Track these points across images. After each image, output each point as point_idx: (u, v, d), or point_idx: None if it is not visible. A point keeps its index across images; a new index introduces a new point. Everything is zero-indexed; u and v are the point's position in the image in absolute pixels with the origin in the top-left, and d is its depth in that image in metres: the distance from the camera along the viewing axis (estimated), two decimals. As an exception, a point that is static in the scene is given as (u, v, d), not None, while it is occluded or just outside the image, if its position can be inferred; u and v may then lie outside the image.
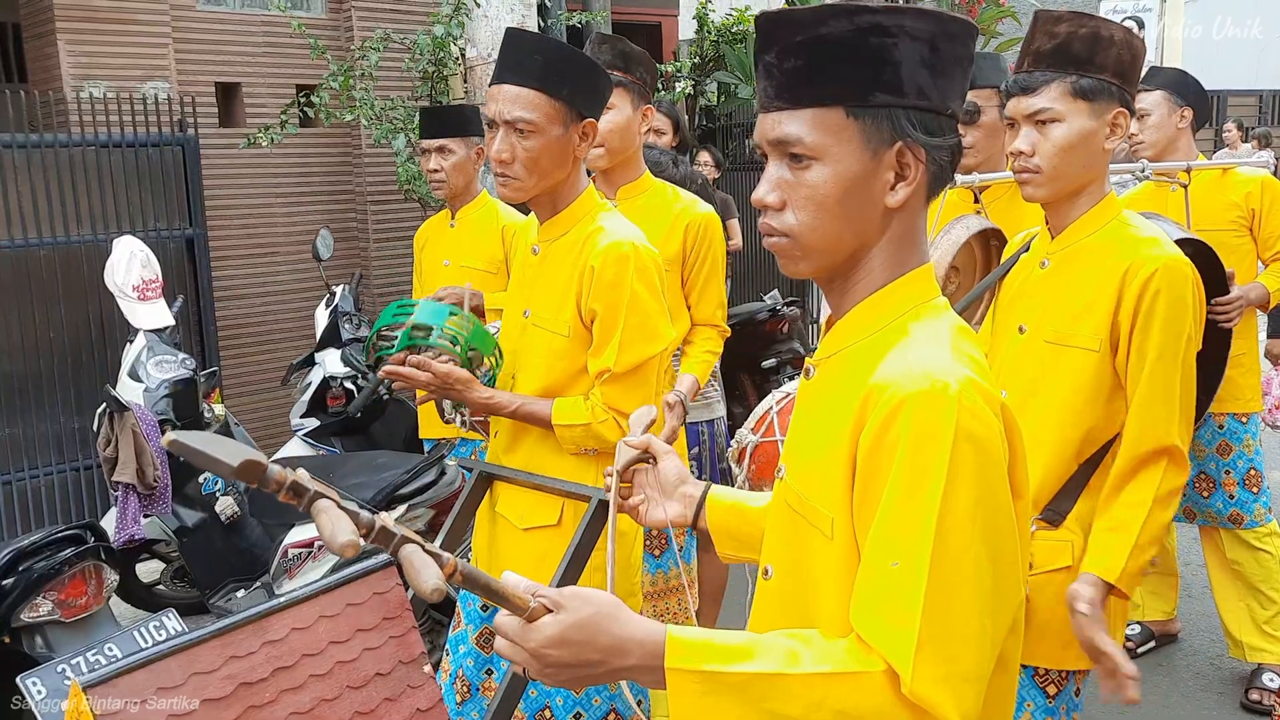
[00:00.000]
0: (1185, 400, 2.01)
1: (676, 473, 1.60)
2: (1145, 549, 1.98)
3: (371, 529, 1.07)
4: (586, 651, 1.11)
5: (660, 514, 1.60)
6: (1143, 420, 2.00)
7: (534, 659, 1.12)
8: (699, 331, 3.22)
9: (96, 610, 3.06)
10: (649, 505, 1.62)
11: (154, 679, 1.62)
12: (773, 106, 1.23)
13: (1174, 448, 2.00)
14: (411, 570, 1.06)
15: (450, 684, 2.46)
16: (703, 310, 3.19)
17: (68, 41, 5.42)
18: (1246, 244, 3.60)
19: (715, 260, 3.17)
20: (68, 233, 5.04)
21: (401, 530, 1.09)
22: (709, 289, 3.18)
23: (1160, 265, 1.98)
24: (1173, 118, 3.58)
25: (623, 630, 1.12)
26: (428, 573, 1.05)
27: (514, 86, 2.18)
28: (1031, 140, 2.07)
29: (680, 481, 1.60)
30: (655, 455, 1.61)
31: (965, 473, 1.10)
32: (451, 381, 2.26)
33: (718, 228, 3.18)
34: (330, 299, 4.90)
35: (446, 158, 3.78)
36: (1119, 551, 1.96)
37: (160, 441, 3.71)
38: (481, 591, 1.12)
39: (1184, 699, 3.70)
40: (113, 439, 3.66)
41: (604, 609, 1.13)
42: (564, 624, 1.11)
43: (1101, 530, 2.01)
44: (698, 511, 1.59)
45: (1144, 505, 1.98)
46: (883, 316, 1.25)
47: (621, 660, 1.12)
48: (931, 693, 1.07)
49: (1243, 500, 3.60)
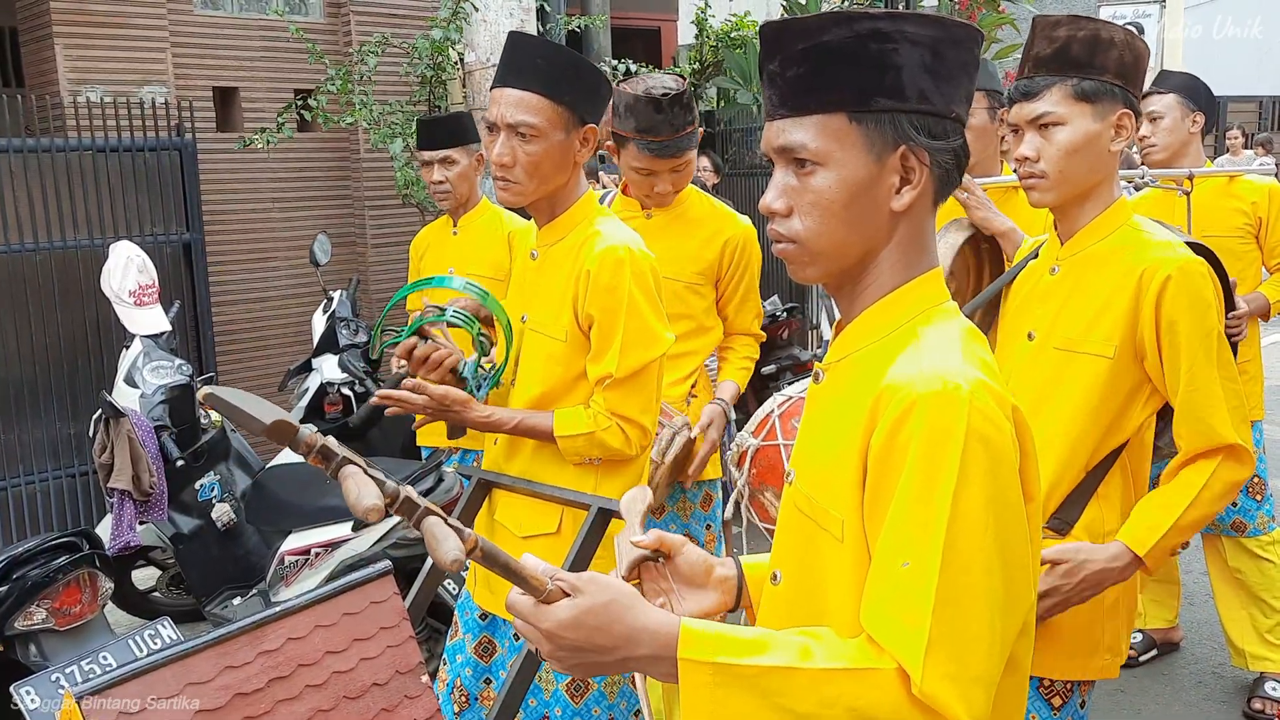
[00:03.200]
0: (1231, 396, 1.98)
1: (701, 560, 1.42)
2: (1182, 531, 1.96)
3: (396, 499, 1.09)
4: (600, 637, 1.13)
5: (684, 610, 1.40)
6: (1192, 424, 1.98)
7: (547, 640, 1.14)
8: (736, 339, 3.22)
9: (91, 618, 3.03)
10: (673, 603, 1.41)
11: (148, 689, 1.61)
12: (777, 114, 1.25)
13: (1233, 446, 1.97)
14: (433, 541, 1.08)
15: (448, 694, 2.44)
16: (742, 320, 3.20)
17: (65, 45, 5.41)
18: (1252, 251, 3.61)
19: (753, 274, 3.17)
20: (64, 237, 5.03)
21: (425, 502, 1.11)
22: (748, 301, 3.18)
23: (1174, 269, 1.96)
24: (1185, 122, 3.58)
25: (638, 619, 1.13)
26: (449, 544, 1.07)
27: (516, 90, 2.17)
28: (1035, 145, 2.06)
29: (708, 568, 1.42)
30: (668, 551, 1.41)
31: (977, 474, 1.10)
32: (449, 402, 2.23)
33: (755, 241, 3.16)
34: (328, 304, 4.88)
35: (451, 168, 3.75)
36: (1157, 526, 1.95)
37: (156, 446, 3.69)
38: (501, 571, 1.13)
39: (1186, 708, 3.68)
40: (108, 445, 3.64)
41: (621, 597, 1.14)
42: (580, 608, 1.12)
43: (1145, 505, 2.00)
44: (739, 592, 1.44)
45: (1194, 487, 1.96)
46: (893, 320, 1.26)
47: (634, 649, 1.13)
48: (941, 693, 1.07)
49: (1246, 508, 3.58)
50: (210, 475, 4.02)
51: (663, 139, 2.82)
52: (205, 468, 4.01)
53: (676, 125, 2.82)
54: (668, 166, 2.89)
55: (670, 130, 2.81)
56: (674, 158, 2.88)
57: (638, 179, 2.95)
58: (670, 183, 2.94)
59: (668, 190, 2.96)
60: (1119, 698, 3.70)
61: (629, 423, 2.22)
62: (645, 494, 1.53)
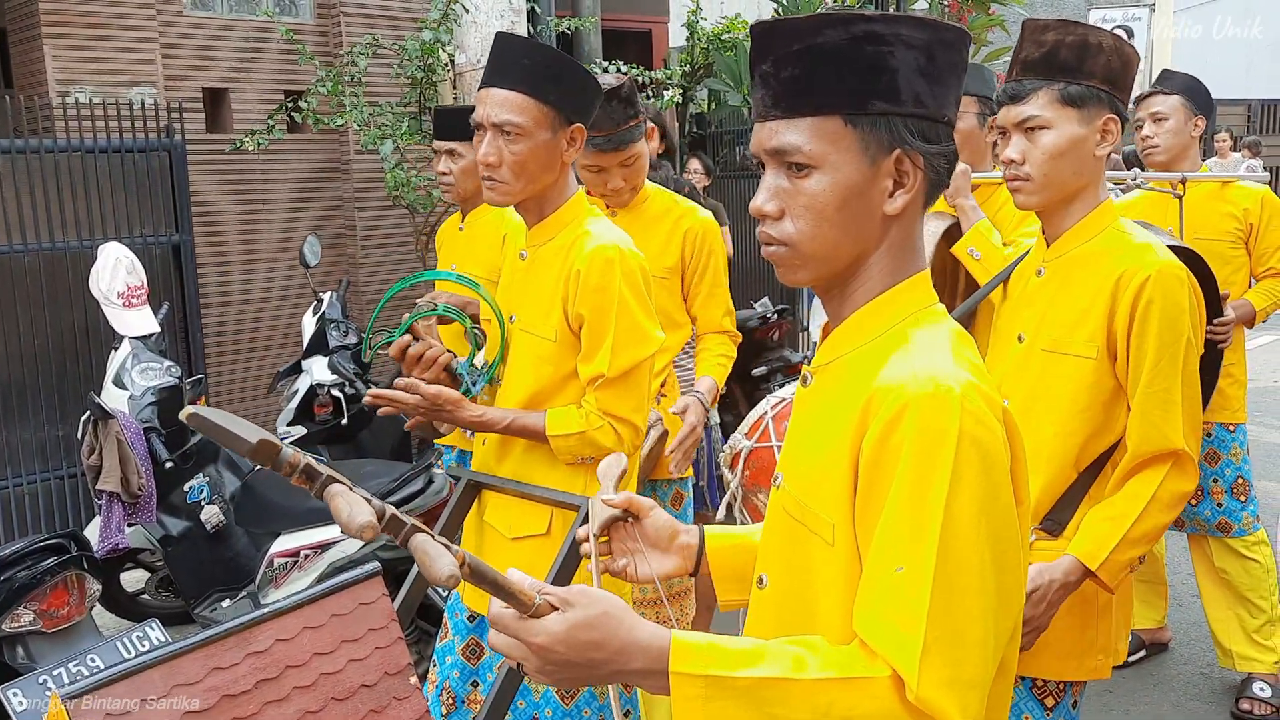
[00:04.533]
0: (1189, 404, 1.99)
1: (667, 525, 1.49)
2: (1135, 544, 1.96)
3: (382, 516, 1.08)
4: (591, 651, 1.11)
5: (648, 570, 1.49)
6: (1144, 425, 1.98)
7: (535, 655, 1.12)
8: (709, 338, 3.21)
9: (79, 620, 3.02)
10: (637, 563, 1.50)
11: (136, 690, 1.60)
12: (770, 116, 1.23)
13: (1180, 452, 1.98)
14: (425, 559, 1.07)
15: (436, 696, 2.44)
16: (710, 318, 3.19)
17: (54, 46, 5.40)
18: (1242, 256, 3.64)
19: (716, 267, 3.16)
20: (53, 239, 5.01)
21: (411, 520, 1.10)
22: (714, 296, 3.17)
23: (1154, 271, 1.97)
24: (1188, 125, 3.58)
25: (629, 633, 1.12)
26: (443, 561, 1.06)
27: (501, 90, 2.18)
28: (1021, 148, 2.07)
29: (673, 533, 1.49)
30: (637, 512, 1.48)
31: (970, 476, 1.10)
32: (441, 402, 2.23)
33: (716, 233, 3.17)
34: (318, 306, 4.87)
35: (456, 161, 3.73)
36: (1106, 540, 1.95)
37: (145, 448, 3.68)
38: (488, 587, 1.12)
39: (1174, 709, 3.70)
40: (97, 447, 3.62)
41: (612, 610, 1.12)
42: (571, 622, 1.11)
43: (1093, 518, 2.00)
44: (699, 559, 1.50)
45: (1141, 499, 1.96)
46: (882, 323, 1.25)
47: (626, 663, 1.12)
48: (937, 698, 1.06)
49: (1231, 509, 3.60)
50: (199, 477, 4.00)
51: (605, 133, 2.84)
52: (194, 470, 3.99)
53: (617, 119, 2.84)
54: (615, 161, 2.92)
55: (611, 124, 2.83)
56: (619, 151, 2.90)
57: (590, 177, 2.98)
58: (622, 178, 2.96)
59: (621, 186, 2.98)
60: (1107, 698, 3.72)
61: (621, 422, 2.22)
62: (621, 460, 1.57)
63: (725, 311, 3.20)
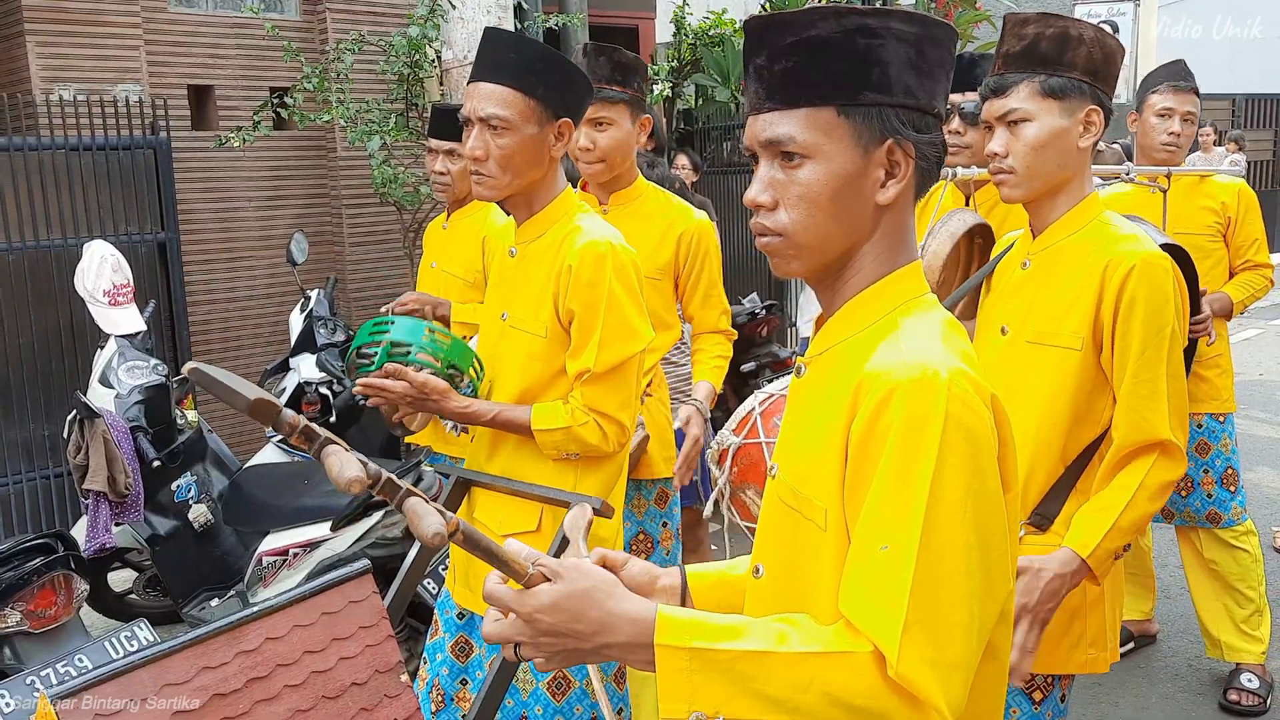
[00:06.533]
0: (1175, 394, 2.00)
1: (644, 572, 1.43)
2: (1123, 533, 1.97)
3: (378, 480, 1.12)
4: (578, 623, 1.14)
5: None
6: (1130, 415, 1.99)
7: (526, 624, 1.15)
8: (705, 339, 3.21)
9: (66, 621, 3.01)
10: None
11: (125, 690, 1.59)
12: (764, 108, 1.26)
13: (1167, 442, 1.99)
14: (415, 518, 1.10)
15: (427, 692, 2.44)
16: (708, 318, 3.18)
17: (37, 44, 5.36)
18: (1220, 249, 3.69)
19: (712, 269, 3.15)
20: (37, 237, 4.97)
21: (406, 485, 1.13)
22: (710, 297, 3.16)
23: (1138, 261, 1.98)
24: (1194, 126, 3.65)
25: (616, 605, 1.15)
26: (430, 520, 1.09)
27: (489, 84, 2.18)
28: (1004, 141, 2.08)
29: (652, 578, 1.44)
30: (613, 567, 1.40)
31: (955, 459, 1.11)
32: (428, 391, 2.22)
33: (712, 235, 3.16)
34: (305, 303, 4.84)
35: (455, 161, 3.71)
36: (1097, 529, 1.96)
37: (132, 447, 3.66)
38: (482, 554, 1.14)
39: (1163, 700, 3.71)
40: (83, 446, 3.60)
41: (601, 584, 1.16)
42: (560, 592, 1.14)
43: (1085, 510, 2.02)
44: (682, 601, 1.46)
45: (1129, 489, 1.98)
46: (873, 312, 1.27)
47: (612, 635, 1.14)
48: (918, 675, 1.07)
49: (1220, 499, 3.62)
50: (187, 476, 3.98)
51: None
52: (182, 468, 3.97)
53: (599, 75, 2.81)
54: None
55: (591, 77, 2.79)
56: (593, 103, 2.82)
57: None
58: (590, 139, 2.91)
59: (589, 147, 2.92)
60: (1095, 690, 3.73)
61: (606, 419, 2.22)
62: (586, 512, 1.54)
63: (722, 312, 3.21)
